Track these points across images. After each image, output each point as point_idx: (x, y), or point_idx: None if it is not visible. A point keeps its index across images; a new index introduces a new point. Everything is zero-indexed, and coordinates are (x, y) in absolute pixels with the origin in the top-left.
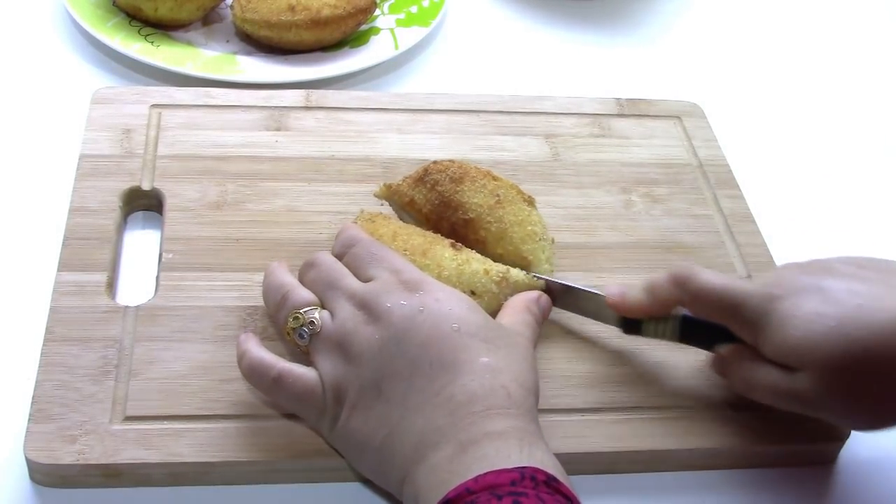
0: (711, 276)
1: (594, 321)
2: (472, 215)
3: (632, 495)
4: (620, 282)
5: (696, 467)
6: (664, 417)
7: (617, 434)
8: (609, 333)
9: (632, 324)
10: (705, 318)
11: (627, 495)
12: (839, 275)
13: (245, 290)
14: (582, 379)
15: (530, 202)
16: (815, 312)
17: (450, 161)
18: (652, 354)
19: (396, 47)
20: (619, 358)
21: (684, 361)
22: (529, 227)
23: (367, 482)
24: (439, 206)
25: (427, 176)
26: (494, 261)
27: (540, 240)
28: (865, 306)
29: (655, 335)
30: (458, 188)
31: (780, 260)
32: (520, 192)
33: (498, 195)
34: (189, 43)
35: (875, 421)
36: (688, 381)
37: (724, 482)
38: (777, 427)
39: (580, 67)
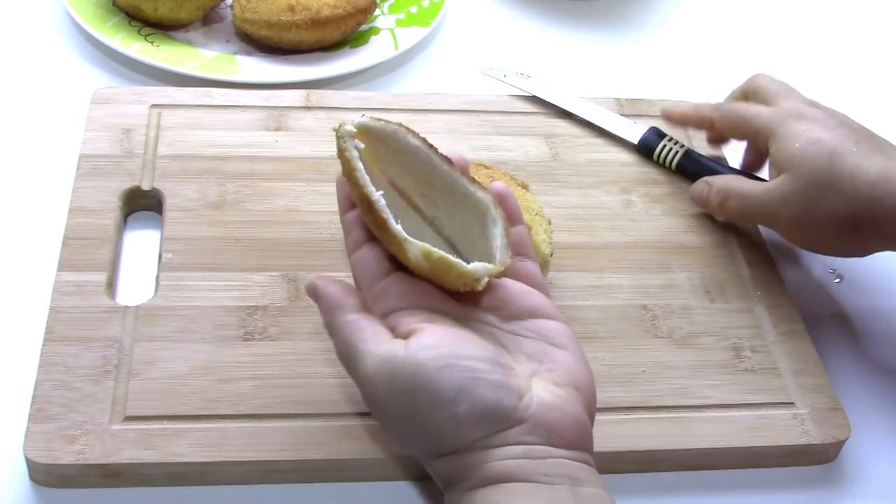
0: (740, 105)
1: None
2: None
3: (632, 495)
4: (620, 282)
5: (696, 467)
6: (664, 417)
7: (617, 434)
8: (609, 334)
9: (648, 146)
10: (728, 135)
11: (627, 495)
12: (848, 130)
13: (245, 290)
14: None
15: (524, 187)
16: (817, 139)
17: None
18: (652, 354)
19: (396, 47)
20: (619, 358)
21: (684, 361)
22: (525, 203)
23: (367, 482)
24: None
25: None
26: None
27: (537, 214)
28: (855, 152)
29: (661, 159)
30: None
31: (779, 259)
32: (513, 178)
33: (492, 177)
34: (189, 43)
35: (810, 234)
36: (688, 380)
37: (724, 482)
38: (777, 427)
39: (580, 67)
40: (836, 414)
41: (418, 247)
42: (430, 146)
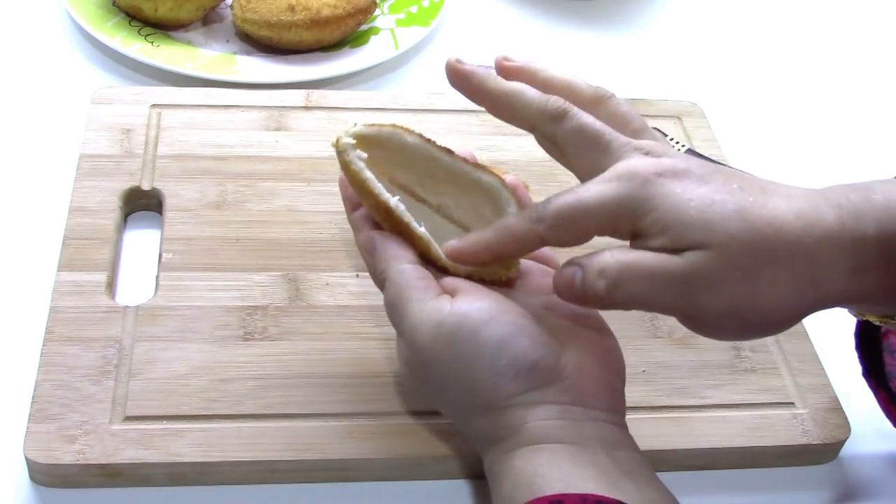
0: (567, 196)
1: None
2: None
3: None
4: None
5: (696, 467)
6: (664, 417)
7: None
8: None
9: None
10: (570, 244)
11: None
12: (721, 175)
13: (245, 290)
14: None
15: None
16: (709, 198)
17: None
18: (652, 354)
19: (396, 47)
20: None
21: (684, 361)
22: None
23: (367, 482)
24: None
25: None
26: None
27: None
28: (757, 201)
29: None
30: None
31: None
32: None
33: None
34: (189, 43)
35: (753, 320)
36: (688, 380)
37: (724, 482)
38: (777, 427)
39: (580, 67)
40: (836, 414)
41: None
42: (428, 140)
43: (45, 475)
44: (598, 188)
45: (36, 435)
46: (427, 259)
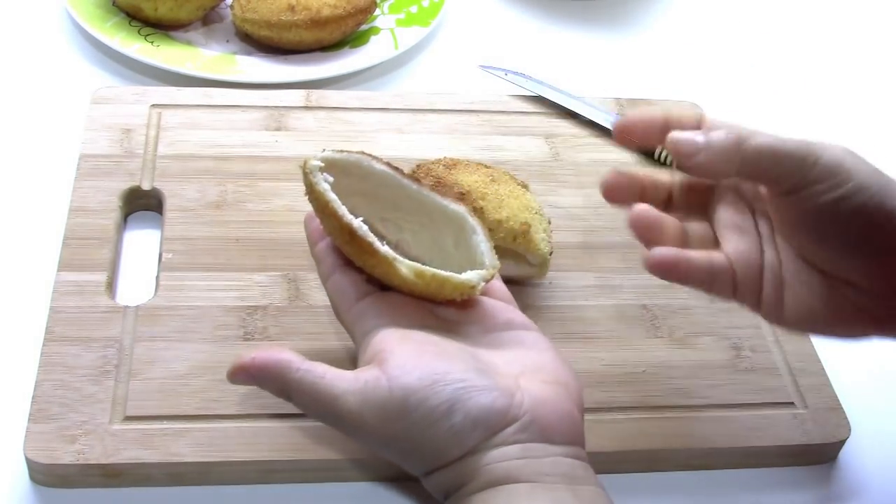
0: (770, 136)
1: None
2: (466, 188)
3: (632, 495)
4: (620, 282)
5: (696, 467)
6: (664, 417)
7: (617, 434)
8: (609, 334)
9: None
10: (750, 179)
11: (627, 495)
12: None
13: (245, 290)
14: (582, 379)
15: (524, 186)
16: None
17: (441, 157)
18: (652, 354)
19: (396, 47)
20: (619, 358)
21: (684, 361)
22: (525, 202)
23: (366, 482)
24: (434, 187)
25: (419, 169)
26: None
27: (536, 213)
28: None
29: (662, 159)
30: (451, 171)
31: None
32: (513, 177)
33: (492, 176)
34: (189, 43)
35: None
36: (688, 381)
37: (724, 482)
38: (777, 427)
39: (580, 67)
40: (836, 414)
41: (410, 266)
42: (395, 168)
43: (45, 475)
44: (789, 138)
45: (36, 435)
46: (388, 280)
